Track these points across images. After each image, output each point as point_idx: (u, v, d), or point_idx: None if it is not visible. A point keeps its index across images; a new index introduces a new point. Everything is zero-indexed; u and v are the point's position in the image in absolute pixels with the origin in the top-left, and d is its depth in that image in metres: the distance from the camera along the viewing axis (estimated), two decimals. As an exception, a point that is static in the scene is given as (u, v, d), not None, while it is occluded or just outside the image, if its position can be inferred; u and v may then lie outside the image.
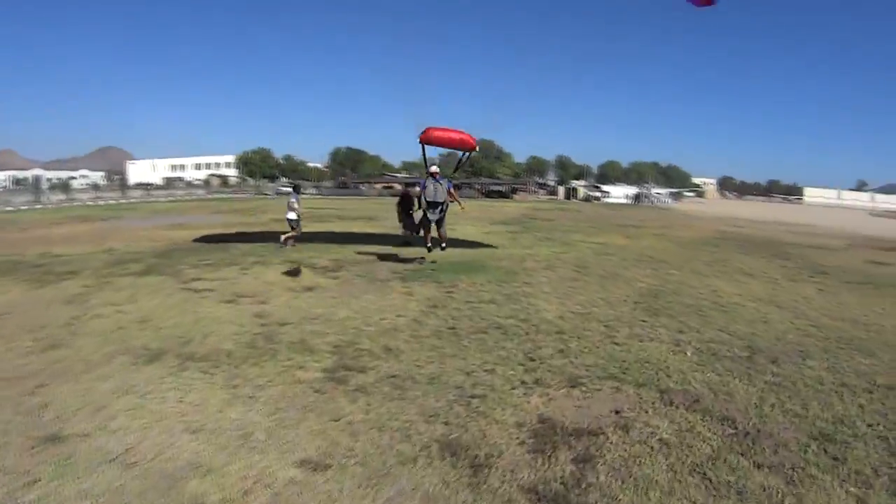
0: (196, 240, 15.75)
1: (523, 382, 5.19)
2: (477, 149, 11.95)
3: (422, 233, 12.09)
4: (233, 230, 19.26)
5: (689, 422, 4.43)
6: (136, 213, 29.01)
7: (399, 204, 14.50)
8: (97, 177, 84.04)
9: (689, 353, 6.14)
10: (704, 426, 4.36)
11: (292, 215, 14.34)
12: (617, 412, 4.60)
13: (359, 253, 13.60)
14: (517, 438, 4.11)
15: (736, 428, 4.36)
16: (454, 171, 13.89)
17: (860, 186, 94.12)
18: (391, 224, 21.21)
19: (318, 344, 6.31)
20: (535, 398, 4.83)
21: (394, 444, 4.02)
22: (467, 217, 29.74)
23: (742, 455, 3.95)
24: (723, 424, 4.41)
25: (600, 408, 4.67)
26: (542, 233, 20.70)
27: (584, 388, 5.05)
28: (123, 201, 43.76)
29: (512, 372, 5.46)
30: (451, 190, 11.46)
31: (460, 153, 12.92)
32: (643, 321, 7.52)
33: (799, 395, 5.02)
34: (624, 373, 5.47)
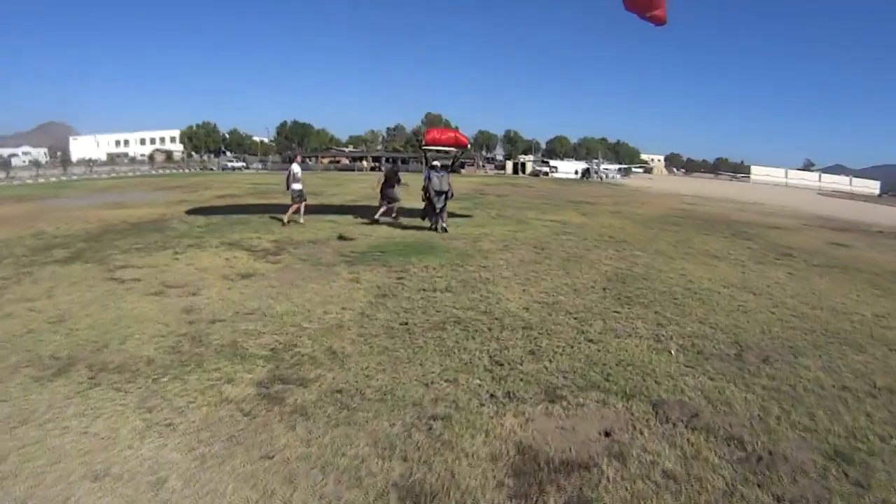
0: (133, 221, 14.30)
1: (492, 396, 4.37)
2: (469, 146, 13.83)
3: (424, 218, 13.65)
4: (175, 209, 17.68)
5: (693, 445, 3.73)
6: (75, 192, 26.44)
7: (383, 183, 15.15)
8: (39, 154, 78.99)
9: (673, 352, 5.48)
10: (711, 450, 3.68)
11: (297, 186, 14.12)
12: (608, 434, 3.85)
13: (301, 233, 12.50)
14: (494, 478, 3.29)
15: (745, 450, 3.70)
16: (451, 166, 14.90)
17: (807, 166, 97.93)
18: (339, 199, 20.16)
19: (252, 347, 5.30)
20: (509, 418, 4.01)
21: (341, 491, 3.13)
22: (415, 192, 28.91)
23: (759, 487, 3.31)
24: (730, 446, 3.74)
25: (588, 429, 3.91)
26: (494, 209, 19.87)
27: (565, 403, 4.27)
28: (64, 178, 40.68)
29: (478, 381, 4.63)
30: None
31: (454, 150, 15.06)
32: (616, 312, 6.84)
33: (802, 404, 4.43)
34: (607, 380, 4.73)
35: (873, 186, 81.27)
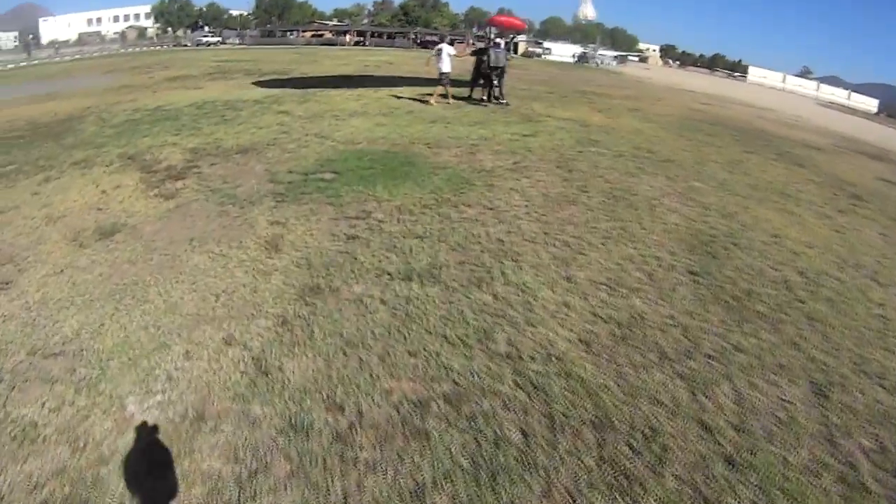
0: (45, 120, 11.30)
1: None
2: (525, 27, 18.51)
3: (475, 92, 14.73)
4: (109, 98, 13.84)
5: None
6: (17, 80, 21.89)
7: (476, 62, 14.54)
8: (8, 38, 71.81)
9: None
10: None
11: (446, 67, 13.46)
12: None
13: (237, 134, 8.87)
14: None
15: None
16: (505, 46, 15.32)
17: (804, 73, 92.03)
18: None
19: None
20: None
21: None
22: (400, 70, 24.33)
23: None
24: None
25: None
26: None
27: None
28: (24, 64, 35.35)
29: None
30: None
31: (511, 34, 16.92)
32: (737, 349, 3.80)
33: None
34: None
35: (871, 104, 78.49)
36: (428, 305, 3.88)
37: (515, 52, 68.61)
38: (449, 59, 13.63)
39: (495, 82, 14.13)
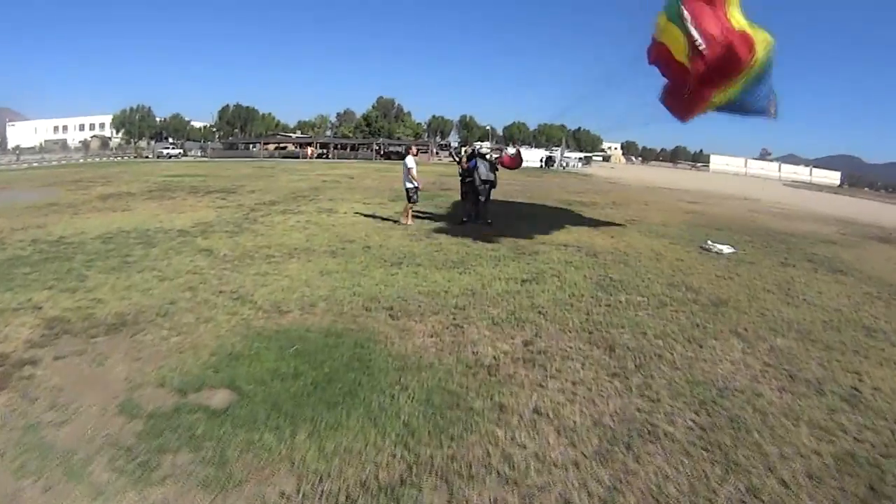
0: None
1: None
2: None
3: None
4: (7, 223, 11.41)
5: None
6: None
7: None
8: None
9: None
10: None
11: (410, 184, 12.14)
12: None
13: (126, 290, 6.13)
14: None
15: None
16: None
17: (764, 155, 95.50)
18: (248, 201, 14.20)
19: None
20: None
21: None
22: (355, 187, 22.50)
23: None
24: None
25: None
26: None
27: None
28: None
29: None
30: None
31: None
32: None
33: None
34: None
35: (832, 176, 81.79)
36: None
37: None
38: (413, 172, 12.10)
39: (482, 199, 12.44)
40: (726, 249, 11.04)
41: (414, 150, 13.49)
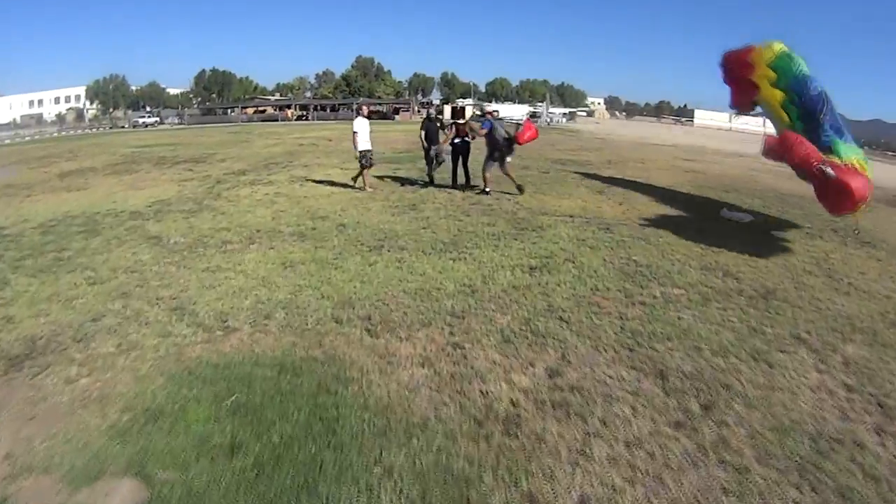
0: None
1: None
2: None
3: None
4: None
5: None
6: None
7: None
8: None
9: None
10: None
11: (365, 145, 10.74)
12: None
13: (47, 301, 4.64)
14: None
15: None
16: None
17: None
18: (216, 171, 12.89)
19: None
20: None
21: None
22: (333, 151, 20.99)
23: None
24: None
25: None
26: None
27: None
28: None
29: None
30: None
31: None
32: None
33: None
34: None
35: None
36: None
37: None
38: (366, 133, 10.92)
39: (508, 158, 11.30)
40: (746, 218, 9.89)
41: (365, 110, 11.95)
